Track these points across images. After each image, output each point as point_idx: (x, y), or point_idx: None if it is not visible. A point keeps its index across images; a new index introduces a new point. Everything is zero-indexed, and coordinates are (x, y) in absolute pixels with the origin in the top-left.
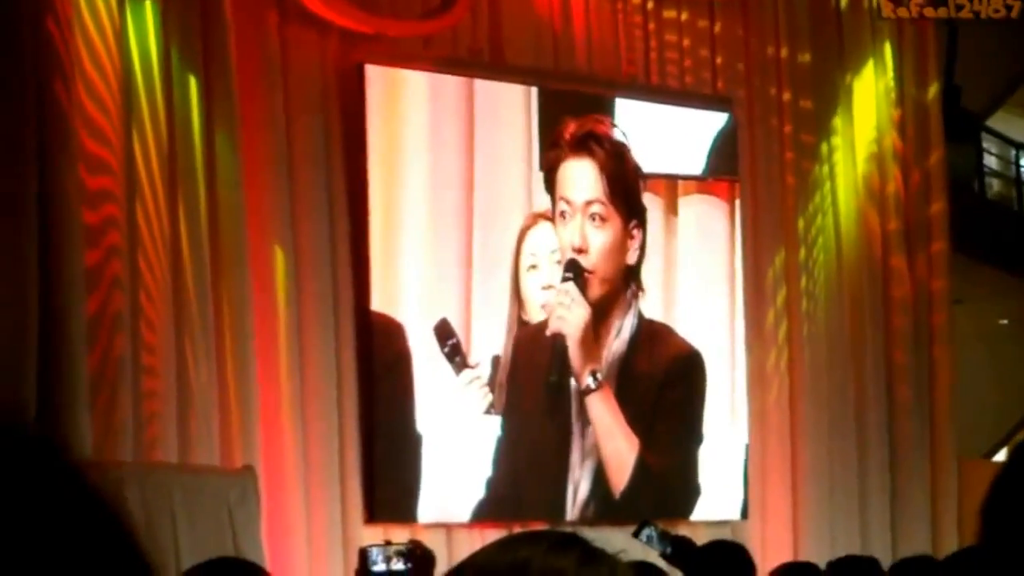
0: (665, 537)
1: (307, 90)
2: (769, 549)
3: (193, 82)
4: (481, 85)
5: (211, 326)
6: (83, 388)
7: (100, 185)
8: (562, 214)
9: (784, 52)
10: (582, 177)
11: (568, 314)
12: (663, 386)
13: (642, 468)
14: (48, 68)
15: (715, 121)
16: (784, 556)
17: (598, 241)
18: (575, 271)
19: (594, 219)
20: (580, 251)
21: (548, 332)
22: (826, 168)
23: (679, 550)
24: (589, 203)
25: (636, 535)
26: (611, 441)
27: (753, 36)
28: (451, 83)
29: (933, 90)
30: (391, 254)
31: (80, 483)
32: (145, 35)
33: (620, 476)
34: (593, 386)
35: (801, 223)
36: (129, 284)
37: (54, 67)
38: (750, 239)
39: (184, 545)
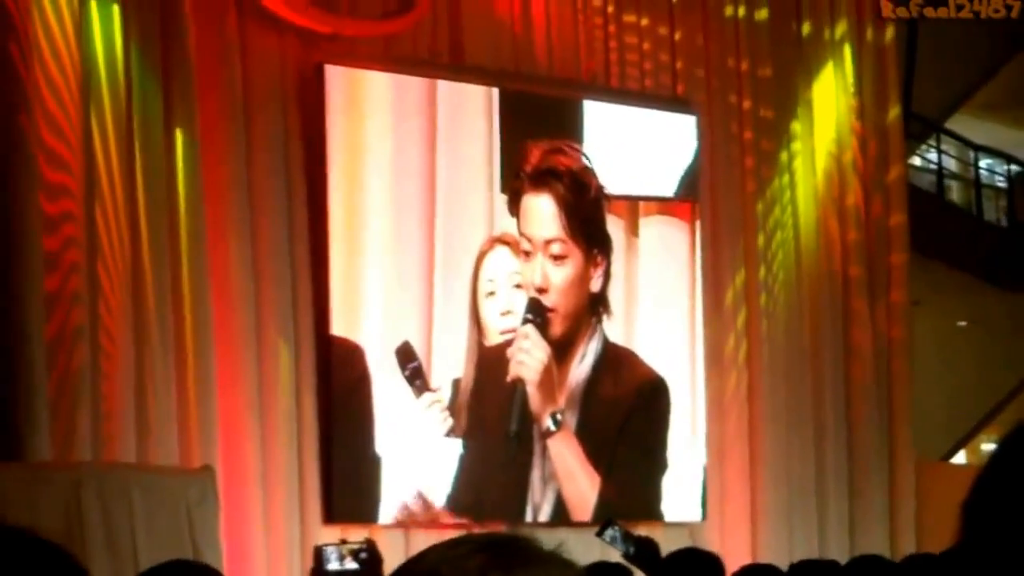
0: (628, 537)
1: (267, 90)
2: (728, 551)
3: (153, 81)
4: (443, 87)
5: (170, 327)
6: (41, 386)
7: (58, 180)
8: (525, 253)
9: (744, 65)
10: (541, 214)
11: (528, 358)
12: (628, 416)
13: (603, 505)
14: (5, 65)
15: (683, 141)
16: (743, 558)
17: (559, 279)
18: (535, 312)
19: (555, 258)
20: (541, 290)
21: (508, 378)
22: (786, 176)
23: (642, 550)
24: (549, 242)
25: (600, 535)
26: (572, 483)
27: (713, 46)
28: (411, 84)
29: (894, 112)
30: (352, 278)
31: None
32: (105, 34)
33: (582, 514)
34: (553, 428)
35: (761, 239)
36: (88, 288)
37: (8, 67)
38: (709, 248)
39: (142, 545)
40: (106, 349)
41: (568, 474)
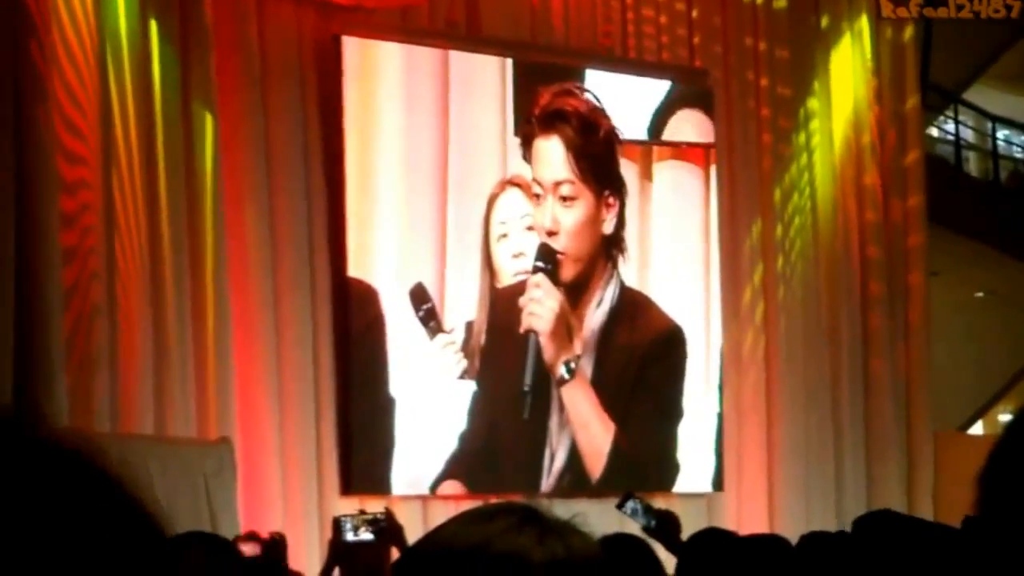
0: (649, 511)
1: (284, 62)
2: (745, 521)
3: (170, 53)
4: (457, 56)
5: (188, 296)
6: (59, 358)
7: (75, 148)
8: (536, 196)
9: (762, 45)
10: (550, 157)
11: (539, 308)
12: (644, 364)
13: (617, 454)
14: (24, 31)
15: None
16: (760, 528)
17: (568, 221)
18: (546, 259)
19: (564, 200)
20: (552, 233)
21: (521, 329)
22: (803, 155)
23: (663, 524)
24: (558, 183)
25: (620, 507)
26: (585, 431)
27: (731, 26)
28: (427, 54)
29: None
30: (366, 220)
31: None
32: (123, 4)
33: (596, 463)
34: (567, 377)
35: (777, 194)
36: (104, 252)
37: (29, 30)
38: (727, 211)
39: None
40: (123, 318)
41: (582, 423)
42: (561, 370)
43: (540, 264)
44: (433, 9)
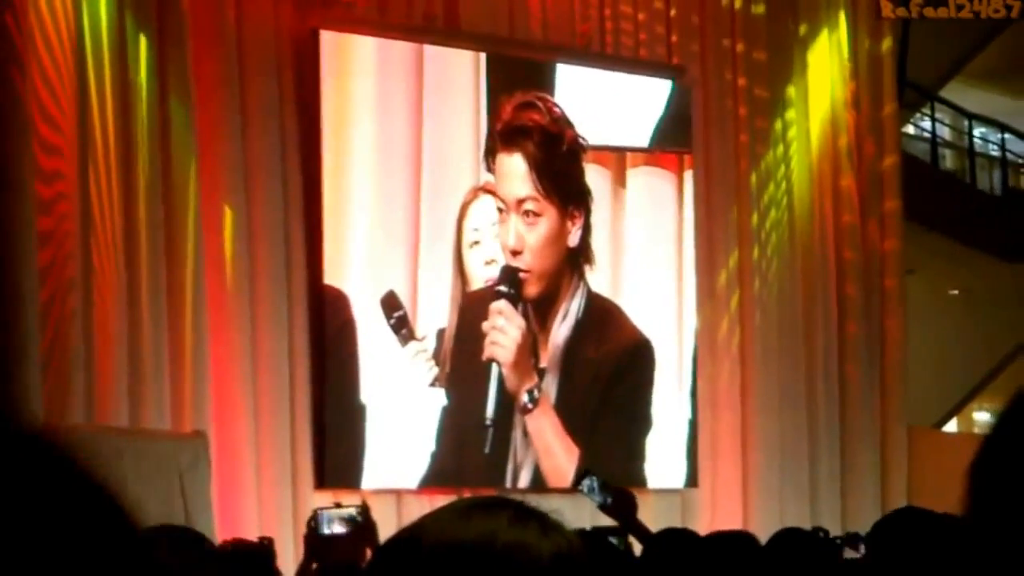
0: (605, 488)
1: (261, 55)
2: (718, 517)
3: (147, 46)
4: (431, 51)
5: (164, 291)
6: (34, 351)
7: (51, 139)
8: (499, 210)
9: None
10: (513, 173)
11: (502, 338)
12: (611, 382)
13: (581, 479)
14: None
15: (664, 91)
16: (733, 524)
17: (532, 239)
18: (509, 282)
19: (527, 216)
20: (515, 252)
21: (483, 357)
22: (780, 147)
23: (619, 501)
24: (521, 201)
25: (576, 484)
26: (549, 458)
27: (709, 26)
28: (404, 49)
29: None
30: (340, 224)
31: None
32: None
33: (559, 485)
34: (531, 405)
35: (754, 180)
36: (81, 246)
37: (4, 4)
38: (703, 201)
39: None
40: (99, 311)
41: (546, 449)
42: (524, 399)
43: (503, 289)
44: (411, 3)
